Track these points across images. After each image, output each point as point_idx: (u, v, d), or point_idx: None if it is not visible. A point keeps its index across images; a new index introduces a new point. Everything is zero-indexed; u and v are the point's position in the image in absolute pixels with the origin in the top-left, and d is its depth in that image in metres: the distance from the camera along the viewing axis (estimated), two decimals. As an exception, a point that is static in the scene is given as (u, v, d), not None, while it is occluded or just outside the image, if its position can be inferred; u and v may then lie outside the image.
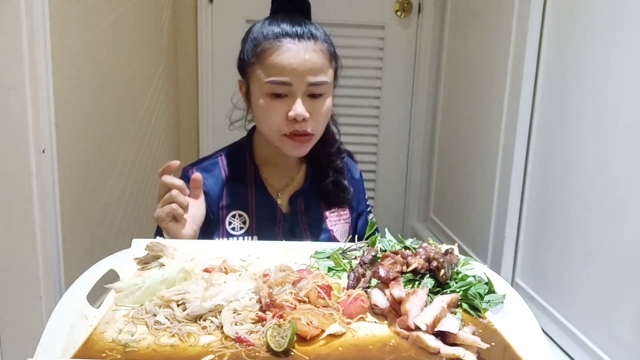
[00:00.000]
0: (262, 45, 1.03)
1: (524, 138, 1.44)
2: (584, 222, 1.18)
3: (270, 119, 1.04)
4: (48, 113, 1.12)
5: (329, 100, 1.07)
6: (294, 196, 1.15)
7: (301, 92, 1.01)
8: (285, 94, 1.02)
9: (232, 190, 1.12)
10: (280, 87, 1.01)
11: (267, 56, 1.02)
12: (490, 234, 1.61)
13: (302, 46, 1.01)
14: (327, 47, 1.05)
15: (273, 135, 1.06)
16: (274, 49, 1.01)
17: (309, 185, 1.17)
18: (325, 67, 1.04)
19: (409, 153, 2.41)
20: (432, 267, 0.73)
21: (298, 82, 1.00)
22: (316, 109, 1.04)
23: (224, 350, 0.56)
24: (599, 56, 1.16)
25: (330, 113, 1.10)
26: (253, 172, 1.14)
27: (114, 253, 0.77)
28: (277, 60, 1.00)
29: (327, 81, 1.04)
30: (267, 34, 1.03)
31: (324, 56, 1.03)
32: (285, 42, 1.01)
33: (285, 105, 1.02)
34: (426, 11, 2.25)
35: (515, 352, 0.60)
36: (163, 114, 2.07)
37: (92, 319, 0.62)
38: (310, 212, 1.15)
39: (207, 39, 2.29)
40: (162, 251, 0.80)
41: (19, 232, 1.11)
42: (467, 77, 1.90)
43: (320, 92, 1.04)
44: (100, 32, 1.44)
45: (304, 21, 1.05)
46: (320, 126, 1.08)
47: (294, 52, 1.00)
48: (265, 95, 1.03)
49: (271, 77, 1.01)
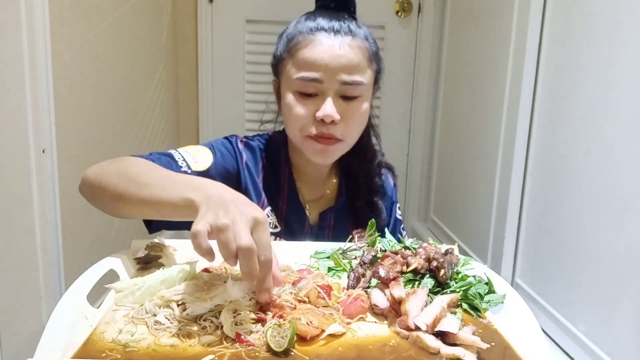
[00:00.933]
0: (295, 39, 0.93)
1: (524, 138, 1.44)
2: (584, 222, 1.18)
3: (297, 118, 0.93)
4: (48, 113, 1.12)
5: (366, 104, 0.96)
6: (325, 212, 1.06)
7: (333, 91, 0.91)
8: (315, 93, 0.92)
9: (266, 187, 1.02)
10: (310, 84, 0.91)
11: (298, 49, 0.92)
12: (490, 234, 1.61)
13: (337, 41, 0.91)
14: (367, 46, 0.95)
15: (297, 136, 0.96)
16: (306, 43, 0.91)
17: (342, 203, 1.07)
18: (363, 66, 0.93)
19: (409, 153, 2.41)
20: (432, 267, 0.73)
21: (330, 79, 0.90)
22: (349, 112, 0.93)
23: (224, 350, 0.56)
24: (598, 56, 1.16)
25: (366, 120, 0.99)
26: (287, 176, 1.04)
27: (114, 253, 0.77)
28: (309, 55, 0.91)
29: (363, 82, 0.93)
30: (301, 28, 0.94)
31: (361, 54, 0.93)
32: (319, 35, 0.91)
33: (314, 104, 0.92)
34: (426, 11, 2.25)
35: (515, 352, 0.60)
36: (163, 114, 2.07)
37: (92, 319, 0.62)
38: (338, 229, 1.06)
39: (207, 39, 2.29)
40: (162, 251, 0.80)
41: (19, 232, 1.11)
42: (467, 77, 1.90)
43: (354, 94, 0.93)
44: (100, 32, 1.44)
45: (344, 17, 0.95)
46: (352, 132, 0.97)
47: (327, 46, 0.90)
48: (295, 92, 0.93)
49: (301, 72, 0.91)
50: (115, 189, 0.76)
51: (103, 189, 0.78)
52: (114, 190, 0.76)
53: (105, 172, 0.79)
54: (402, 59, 2.29)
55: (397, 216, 1.14)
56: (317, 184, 1.07)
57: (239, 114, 2.37)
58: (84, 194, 0.83)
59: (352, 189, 1.08)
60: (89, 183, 0.81)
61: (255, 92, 2.32)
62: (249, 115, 2.36)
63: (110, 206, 0.79)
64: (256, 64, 2.30)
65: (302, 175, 1.05)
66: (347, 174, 1.08)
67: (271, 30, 2.25)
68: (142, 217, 0.79)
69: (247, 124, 2.37)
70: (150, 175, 0.74)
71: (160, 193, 0.70)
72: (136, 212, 0.76)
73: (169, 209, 0.69)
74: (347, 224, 1.06)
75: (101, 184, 0.78)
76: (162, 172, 0.77)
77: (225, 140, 1.03)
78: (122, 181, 0.75)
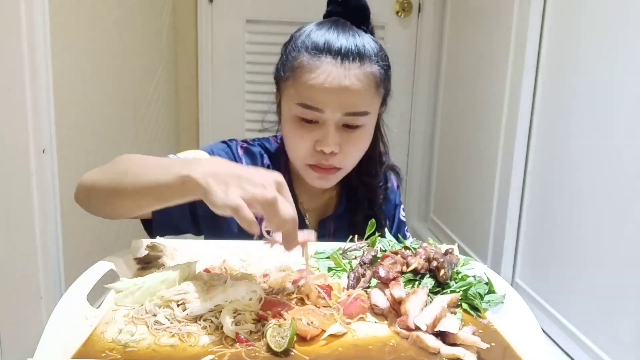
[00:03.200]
0: (300, 59, 0.88)
1: (524, 138, 1.44)
2: (584, 222, 1.18)
3: (296, 146, 0.91)
4: (48, 113, 1.12)
5: (368, 132, 0.93)
6: (325, 220, 1.05)
7: (334, 121, 0.87)
8: (316, 120, 0.88)
9: None
10: (311, 112, 0.87)
11: (301, 74, 0.87)
12: (490, 234, 1.61)
13: (343, 70, 0.85)
14: (376, 70, 0.89)
15: (297, 164, 0.94)
16: (311, 68, 0.86)
17: (342, 211, 1.05)
18: (369, 95, 0.89)
19: (409, 153, 2.41)
20: (432, 267, 0.73)
21: (332, 110, 0.86)
22: (350, 142, 0.90)
23: (224, 350, 0.56)
24: (598, 56, 1.15)
25: (367, 145, 0.95)
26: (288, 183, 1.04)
27: (114, 253, 0.77)
28: (312, 83, 0.85)
29: (368, 112, 0.89)
30: (308, 44, 0.88)
31: (368, 82, 0.87)
32: (324, 61, 0.85)
33: (315, 132, 0.88)
34: (426, 11, 2.25)
35: (515, 352, 0.60)
36: (163, 114, 2.07)
37: (92, 319, 0.62)
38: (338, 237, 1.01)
39: (207, 39, 2.29)
40: (162, 251, 0.80)
41: (19, 232, 1.11)
42: (467, 77, 1.90)
43: (357, 124, 0.89)
44: (100, 32, 1.44)
45: (356, 32, 0.90)
46: (352, 160, 0.94)
47: (332, 76, 0.85)
48: (295, 117, 0.89)
49: (303, 99, 0.87)
50: (109, 184, 0.75)
51: (98, 188, 0.77)
52: (109, 186, 0.75)
53: (99, 173, 0.78)
54: (402, 59, 2.29)
55: (401, 218, 1.12)
56: (317, 192, 1.05)
57: (239, 114, 2.37)
58: (80, 200, 0.82)
59: (351, 202, 1.05)
60: (83, 187, 0.80)
61: (255, 92, 2.32)
62: (249, 116, 2.36)
63: (107, 204, 0.78)
64: (256, 64, 2.30)
65: (301, 184, 1.03)
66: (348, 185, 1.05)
67: (271, 30, 2.25)
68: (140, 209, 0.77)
69: (247, 124, 2.37)
70: (143, 165, 0.73)
71: (154, 177, 0.68)
72: (133, 205, 0.74)
73: (165, 191, 0.67)
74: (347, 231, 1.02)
75: (95, 184, 0.77)
76: (154, 160, 0.75)
77: (225, 145, 1.01)
78: (115, 176, 0.74)
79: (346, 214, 1.06)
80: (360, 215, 1.03)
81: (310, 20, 1.01)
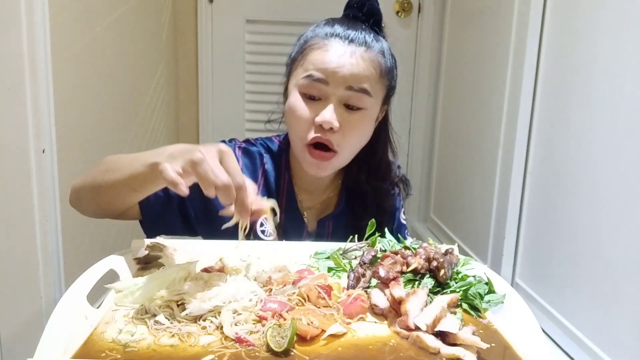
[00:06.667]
0: (309, 42, 0.94)
1: (524, 138, 1.44)
2: (584, 222, 1.18)
3: (298, 122, 0.92)
4: (48, 113, 1.12)
5: (368, 118, 0.94)
6: (324, 219, 1.05)
7: (337, 97, 0.90)
8: (319, 97, 0.91)
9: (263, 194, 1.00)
10: (314, 85, 0.90)
11: (310, 51, 0.92)
12: (490, 234, 1.61)
13: (350, 49, 0.90)
14: (381, 60, 0.93)
15: (297, 145, 0.95)
16: (319, 46, 0.92)
17: (341, 210, 1.06)
18: (372, 78, 0.92)
19: (409, 153, 2.41)
20: (432, 267, 0.73)
21: (335, 83, 0.89)
22: (349, 123, 0.91)
23: (224, 350, 0.56)
24: (599, 56, 1.16)
25: (367, 135, 0.97)
26: (287, 182, 1.03)
27: (114, 253, 0.77)
28: (319, 57, 0.90)
29: (370, 92, 0.91)
30: (318, 32, 0.94)
31: (372, 67, 0.92)
32: (333, 41, 0.91)
33: (316, 108, 0.91)
34: (426, 11, 2.25)
35: (515, 352, 0.60)
36: (163, 114, 2.08)
37: (92, 319, 0.62)
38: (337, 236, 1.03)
39: (207, 39, 2.29)
40: (162, 251, 0.80)
41: (19, 232, 1.11)
42: (467, 77, 1.90)
43: (359, 105, 0.91)
44: (100, 32, 1.44)
45: (363, 28, 0.95)
46: (349, 145, 0.94)
47: (339, 52, 0.90)
48: (299, 92, 0.92)
49: (308, 72, 0.90)
50: (93, 183, 0.83)
51: (85, 189, 0.85)
52: (93, 184, 0.83)
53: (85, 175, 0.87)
54: (402, 59, 2.28)
55: (401, 221, 1.12)
56: (317, 191, 1.06)
57: (239, 114, 2.37)
58: (73, 203, 0.90)
59: (358, 208, 1.05)
60: (73, 190, 0.89)
61: (255, 92, 2.32)
62: (249, 115, 2.36)
63: (92, 202, 0.86)
64: (256, 64, 2.30)
65: (301, 182, 1.04)
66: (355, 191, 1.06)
67: (271, 30, 2.25)
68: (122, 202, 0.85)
69: (247, 124, 2.36)
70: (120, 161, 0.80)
71: (129, 169, 0.75)
72: (114, 199, 0.82)
73: (139, 181, 0.74)
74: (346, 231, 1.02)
75: (82, 186, 0.86)
76: (131, 155, 0.81)
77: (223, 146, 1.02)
78: (97, 174, 0.82)
79: (345, 213, 1.06)
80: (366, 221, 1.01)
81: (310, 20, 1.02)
